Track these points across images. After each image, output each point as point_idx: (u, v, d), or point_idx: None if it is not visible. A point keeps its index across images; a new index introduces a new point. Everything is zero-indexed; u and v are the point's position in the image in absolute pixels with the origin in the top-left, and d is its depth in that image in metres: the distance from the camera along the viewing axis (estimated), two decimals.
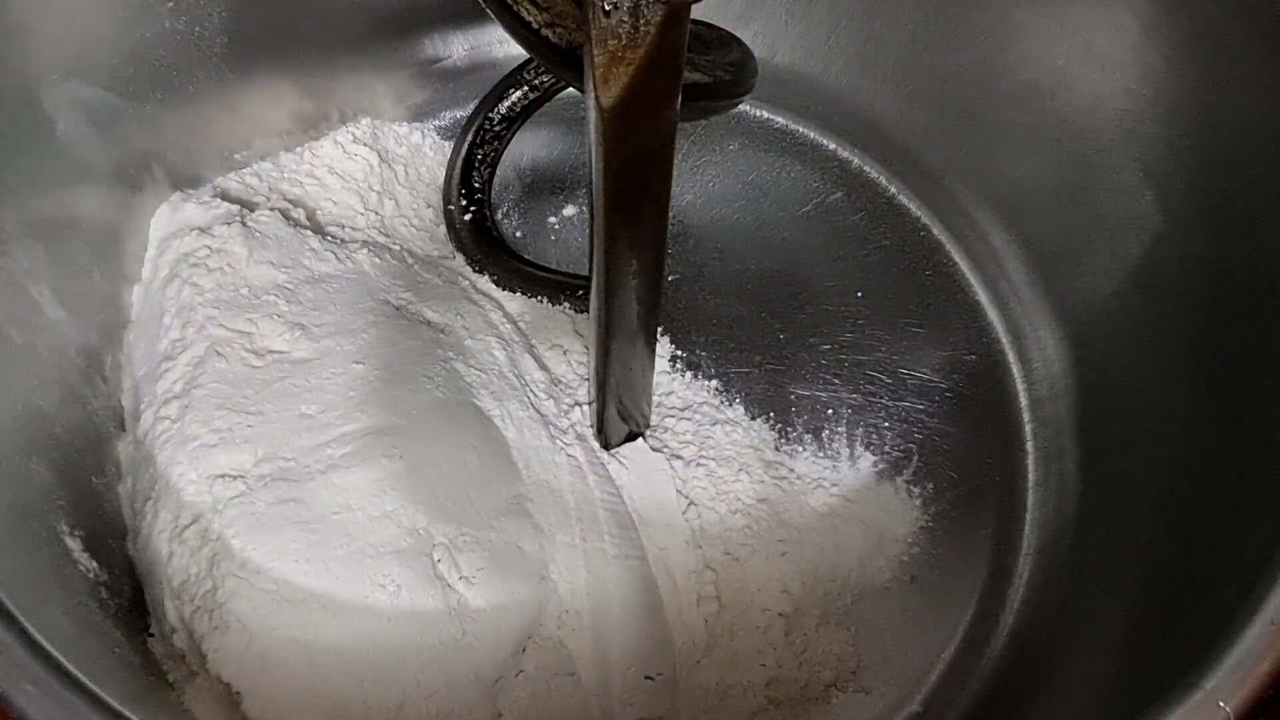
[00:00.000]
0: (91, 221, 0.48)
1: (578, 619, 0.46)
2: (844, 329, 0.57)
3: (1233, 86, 0.45)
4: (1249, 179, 0.45)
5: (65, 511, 0.42)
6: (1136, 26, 0.48)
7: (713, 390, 0.55)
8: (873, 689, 0.49)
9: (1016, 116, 0.56)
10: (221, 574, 0.42)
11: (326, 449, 0.45)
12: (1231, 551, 0.40)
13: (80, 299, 0.47)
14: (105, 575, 0.43)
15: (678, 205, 0.60)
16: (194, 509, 0.43)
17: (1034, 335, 0.57)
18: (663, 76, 0.33)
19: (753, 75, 0.47)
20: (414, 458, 0.45)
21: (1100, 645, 0.45)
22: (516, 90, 0.60)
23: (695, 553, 0.49)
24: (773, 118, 0.63)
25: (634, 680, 0.46)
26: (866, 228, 0.61)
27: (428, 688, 0.42)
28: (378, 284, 0.52)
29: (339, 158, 0.58)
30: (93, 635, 0.39)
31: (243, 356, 0.47)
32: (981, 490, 0.54)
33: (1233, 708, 0.33)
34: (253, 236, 0.50)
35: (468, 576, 0.44)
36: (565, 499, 0.48)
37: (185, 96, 0.52)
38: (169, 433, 0.45)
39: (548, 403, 0.52)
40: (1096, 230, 0.53)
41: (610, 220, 0.39)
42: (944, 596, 0.52)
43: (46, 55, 0.45)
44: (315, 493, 0.44)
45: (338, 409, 0.46)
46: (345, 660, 0.41)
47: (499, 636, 0.44)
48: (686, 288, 0.58)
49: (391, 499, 0.44)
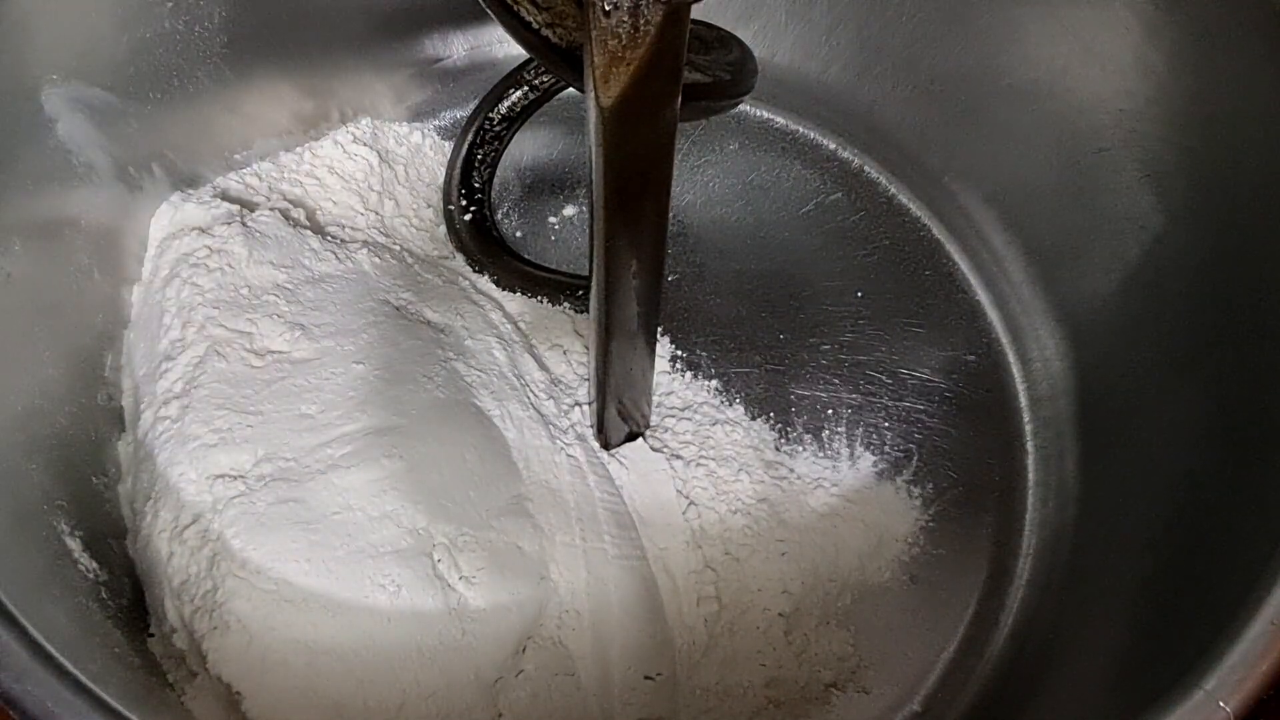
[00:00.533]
0: (91, 221, 0.48)
1: (578, 619, 0.46)
2: (844, 329, 0.57)
3: (1233, 86, 0.45)
4: (1249, 179, 0.45)
5: (65, 511, 0.42)
6: (1136, 26, 0.48)
7: (713, 390, 0.55)
8: (873, 689, 0.49)
9: (1016, 116, 0.56)
10: (221, 574, 0.42)
11: (326, 449, 0.45)
12: (1231, 551, 0.40)
13: (80, 299, 0.47)
14: (105, 575, 0.43)
15: (678, 205, 0.60)
16: (194, 509, 0.43)
17: (1034, 335, 0.57)
18: (663, 76, 0.33)
19: (753, 75, 0.47)
20: (414, 458, 0.45)
21: (1100, 645, 0.45)
22: (516, 90, 0.60)
23: (695, 553, 0.49)
24: (773, 118, 0.63)
25: (634, 680, 0.46)
26: (866, 228, 0.61)
27: (428, 688, 0.42)
28: (378, 284, 0.52)
29: (339, 158, 0.58)
30: (93, 635, 0.39)
31: (243, 356, 0.47)
32: (981, 490, 0.54)
33: (1233, 708, 0.33)
34: (253, 236, 0.50)
35: (468, 576, 0.44)
36: (565, 499, 0.48)
37: (185, 96, 0.52)
38: (169, 433, 0.45)
39: (548, 403, 0.52)
40: (1096, 230, 0.53)
41: (610, 220, 0.39)
42: (944, 596, 0.52)
43: (46, 55, 0.45)
44: (315, 493, 0.44)
45: (338, 409, 0.46)
46: (345, 660, 0.41)
47: (499, 636, 0.44)
48: (686, 288, 0.58)
49: (391, 499, 0.44)
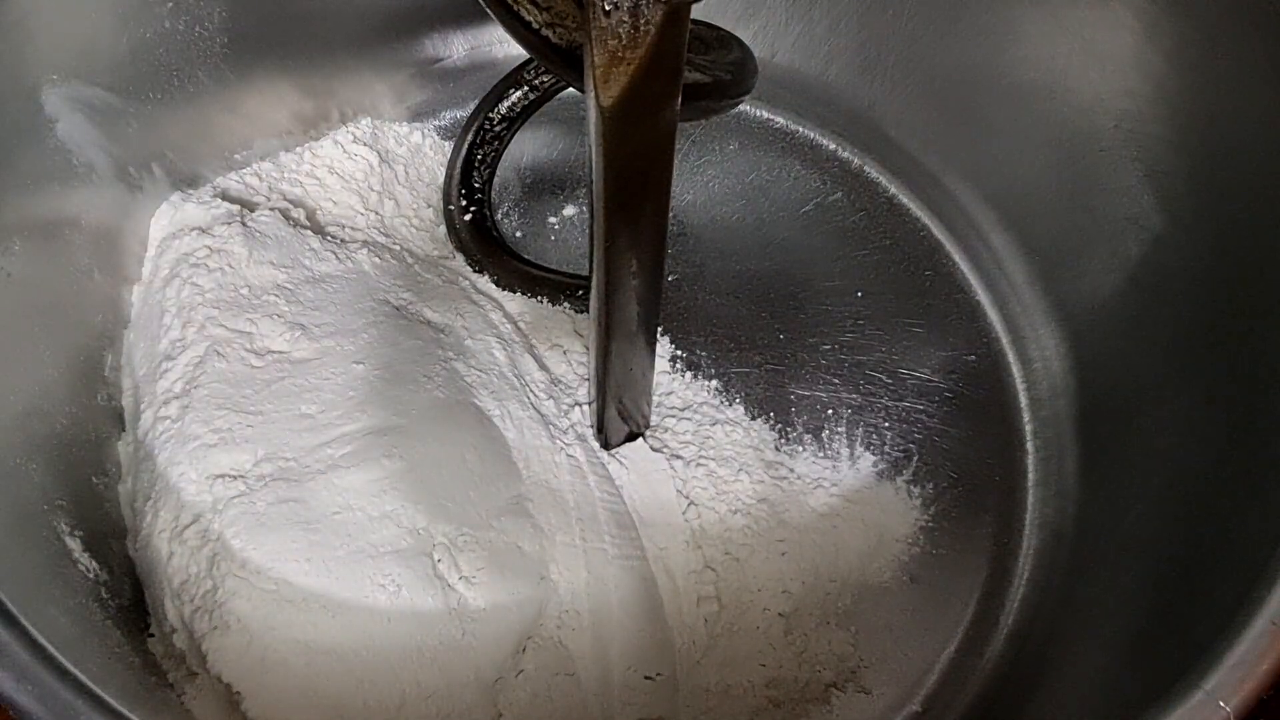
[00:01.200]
0: (91, 221, 0.48)
1: (578, 619, 0.46)
2: (844, 329, 0.57)
3: (1233, 86, 0.45)
4: (1249, 179, 0.45)
5: (65, 511, 0.42)
6: (1136, 26, 0.48)
7: (713, 390, 0.55)
8: (873, 689, 0.49)
9: (1017, 116, 0.56)
10: (221, 574, 0.42)
11: (326, 449, 0.45)
12: (1231, 551, 0.40)
13: (80, 299, 0.47)
14: (105, 575, 0.43)
15: (678, 205, 0.60)
16: (194, 509, 0.43)
17: (1034, 335, 0.57)
18: (663, 76, 0.33)
19: (753, 75, 0.47)
20: (414, 458, 0.45)
21: (1100, 645, 0.45)
22: (516, 90, 0.60)
23: (695, 553, 0.49)
24: (773, 118, 0.63)
25: (634, 680, 0.46)
26: (866, 228, 0.61)
27: (428, 687, 0.42)
28: (378, 284, 0.52)
29: (339, 158, 0.58)
30: (93, 635, 0.39)
31: (243, 356, 0.47)
32: (981, 490, 0.54)
33: (1233, 708, 0.33)
34: (253, 236, 0.50)
35: (468, 576, 0.44)
36: (565, 499, 0.48)
37: (185, 96, 0.52)
38: (169, 433, 0.45)
39: (548, 403, 0.52)
40: (1096, 230, 0.53)
41: (610, 220, 0.39)
42: (944, 596, 0.52)
43: (46, 55, 0.45)
44: (315, 493, 0.44)
45: (338, 409, 0.46)
46: (345, 660, 0.41)
47: (499, 636, 0.44)
48: (686, 288, 0.58)
49: (391, 499, 0.44)
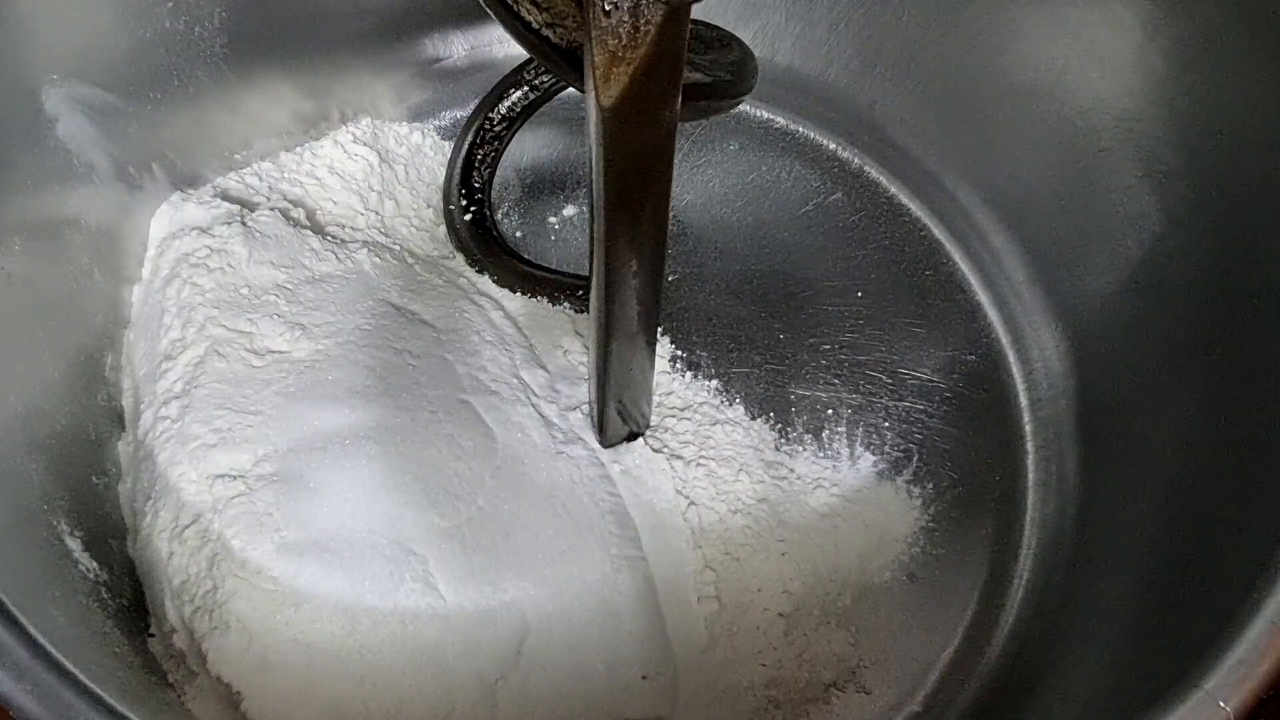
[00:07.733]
0: (91, 221, 0.48)
1: (577, 619, 0.46)
2: (844, 329, 0.57)
3: (1233, 86, 0.45)
4: (1249, 179, 0.45)
5: (65, 511, 0.42)
6: (1137, 26, 0.48)
7: (713, 390, 0.55)
8: (873, 689, 0.49)
9: (1016, 116, 0.56)
10: (221, 574, 0.42)
11: (327, 449, 0.45)
12: (1231, 551, 0.40)
13: (80, 299, 0.47)
14: (105, 575, 0.43)
15: (678, 205, 0.60)
16: (194, 509, 0.43)
17: (1034, 335, 0.57)
18: (663, 76, 0.33)
19: (753, 75, 0.47)
20: (413, 458, 0.45)
21: (1100, 645, 0.45)
22: (516, 90, 0.60)
23: (695, 553, 0.49)
24: (773, 118, 0.63)
25: (633, 680, 0.46)
26: (866, 228, 0.61)
27: (427, 687, 0.42)
28: (378, 284, 0.52)
29: (339, 158, 0.58)
30: (93, 635, 0.39)
31: (243, 356, 0.47)
32: (981, 490, 0.54)
33: (1233, 708, 0.33)
34: (253, 236, 0.50)
35: (468, 576, 0.44)
36: (565, 499, 0.48)
37: (185, 96, 0.52)
38: (169, 433, 0.45)
39: (548, 403, 0.52)
40: (1096, 230, 0.53)
41: (610, 220, 0.39)
42: (944, 596, 0.52)
43: (46, 55, 0.45)
44: (315, 492, 0.44)
45: (337, 409, 0.46)
46: (345, 660, 0.41)
47: (499, 636, 0.44)
48: (686, 288, 0.58)
49: (391, 499, 0.44)
